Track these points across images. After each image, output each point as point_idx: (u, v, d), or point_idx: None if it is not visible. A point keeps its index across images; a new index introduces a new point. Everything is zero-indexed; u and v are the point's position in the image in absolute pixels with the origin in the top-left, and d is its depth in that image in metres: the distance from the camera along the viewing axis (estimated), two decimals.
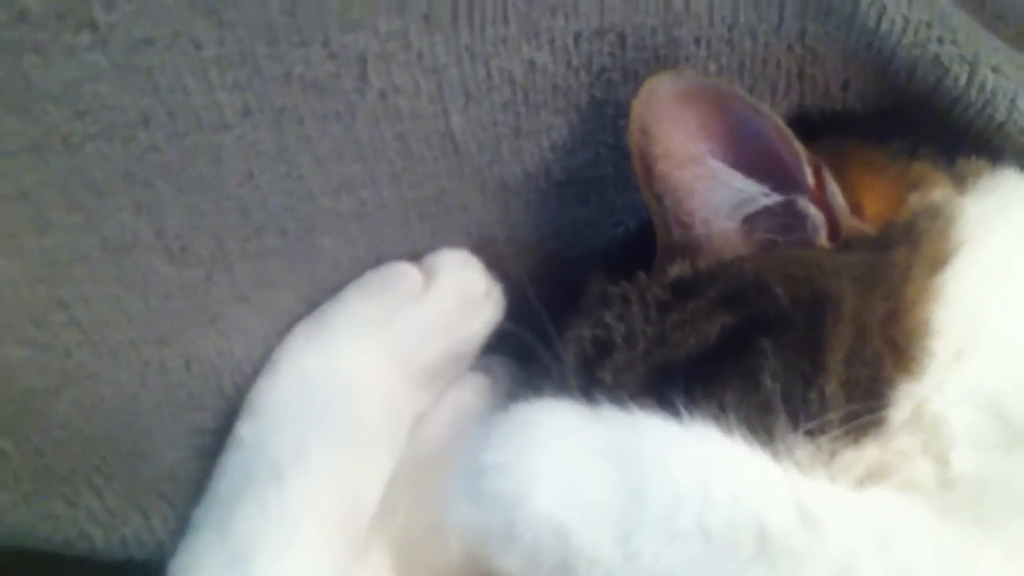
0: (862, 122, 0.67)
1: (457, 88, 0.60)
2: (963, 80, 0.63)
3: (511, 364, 0.70)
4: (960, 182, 0.62)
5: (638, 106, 0.59)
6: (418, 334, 0.66)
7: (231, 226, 0.60)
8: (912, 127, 0.65)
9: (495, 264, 0.68)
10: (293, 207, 0.61)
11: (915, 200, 0.60)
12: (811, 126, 0.66)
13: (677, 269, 0.60)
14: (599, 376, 0.58)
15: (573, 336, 0.61)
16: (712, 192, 0.60)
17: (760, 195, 0.60)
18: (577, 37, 0.60)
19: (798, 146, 0.59)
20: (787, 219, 0.60)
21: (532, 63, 0.60)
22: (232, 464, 0.62)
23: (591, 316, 0.61)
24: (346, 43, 0.56)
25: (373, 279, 0.66)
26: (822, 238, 0.60)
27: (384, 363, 0.65)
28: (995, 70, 0.63)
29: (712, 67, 0.63)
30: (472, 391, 0.69)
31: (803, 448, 0.52)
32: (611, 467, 0.50)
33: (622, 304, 0.60)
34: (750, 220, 0.60)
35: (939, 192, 0.61)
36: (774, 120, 0.59)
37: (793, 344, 0.54)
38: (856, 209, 0.61)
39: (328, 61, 0.56)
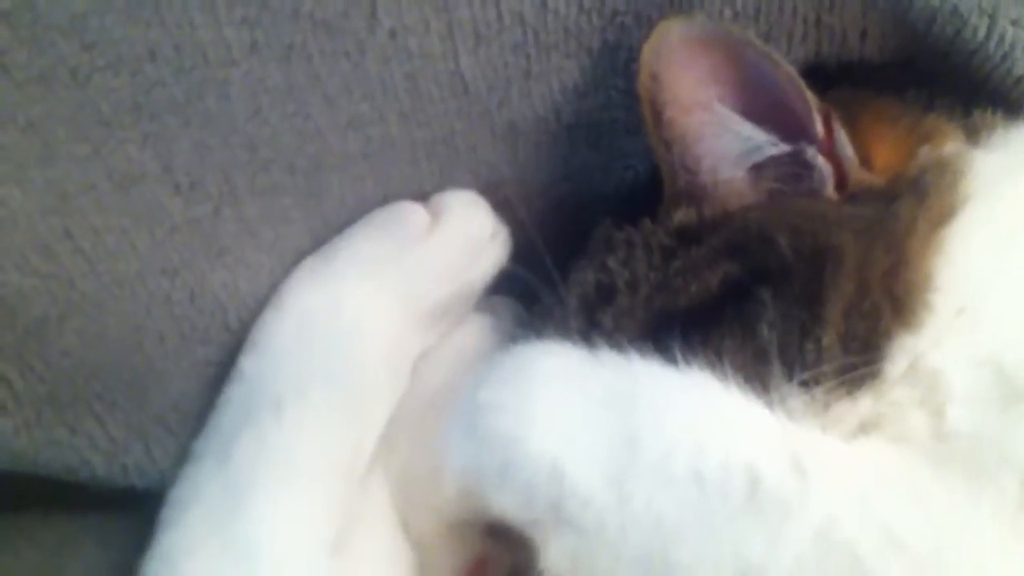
0: (880, 72, 0.66)
1: (467, 28, 0.59)
2: (982, 32, 0.62)
3: (515, 305, 0.71)
4: (974, 135, 0.61)
5: (648, 51, 0.58)
6: (423, 274, 0.65)
7: (239, 161, 0.60)
8: (930, 79, 0.64)
9: (503, 206, 0.68)
10: (301, 144, 0.61)
11: (925, 153, 0.60)
12: (828, 75, 0.65)
13: (682, 216, 0.60)
14: (600, 320, 0.58)
15: (577, 279, 0.62)
16: (719, 139, 0.59)
17: (768, 144, 0.59)
18: None
19: (809, 95, 0.59)
20: (795, 169, 0.60)
21: (544, 4, 0.60)
22: (234, 397, 0.63)
23: (595, 260, 0.62)
24: None
25: (380, 218, 0.66)
26: (829, 189, 0.59)
27: (389, 302, 0.65)
28: (1015, 23, 0.62)
29: (727, 12, 0.63)
30: (476, 331, 0.69)
31: (797, 398, 0.52)
32: (608, 411, 0.50)
33: (627, 249, 0.60)
34: (757, 169, 0.60)
35: (950, 145, 0.60)
36: (785, 68, 0.59)
37: (793, 295, 0.54)
38: (865, 160, 0.60)
39: None
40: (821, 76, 0.65)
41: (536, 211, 0.69)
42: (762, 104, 0.59)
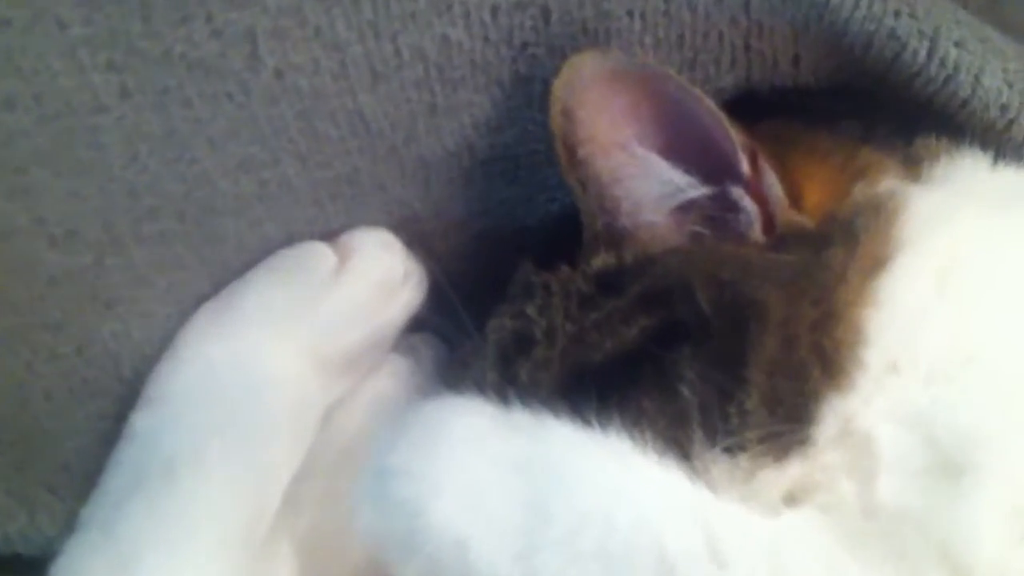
0: (815, 100, 0.63)
1: (362, 66, 0.56)
2: (922, 55, 0.58)
3: (437, 344, 0.67)
4: (914, 167, 0.58)
5: (559, 87, 0.55)
6: (331, 321, 0.62)
7: (120, 209, 0.56)
8: (870, 104, 0.61)
9: (420, 242, 0.65)
10: (188, 189, 0.57)
11: (860, 191, 0.56)
12: (760, 103, 0.62)
13: (601, 261, 0.57)
14: (516, 373, 0.55)
15: (495, 326, 0.59)
16: (638, 181, 0.56)
17: (689, 186, 0.56)
18: (495, 11, 0.56)
19: (733, 131, 0.55)
20: (719, 210, 0.56)
21: (445, 38, 0.56)
22: (124, 458, 0.59)
23: (514, 307, 0.59)
24: (232, 19, 0.52)
25: (283, 260, 0.62)
26: (756, 232, 0.56)
27: (294, 351, 0.61)
28: (958, 45, 0.59)
29: (648, 40, 0.59)
30: (392, 377, 0.65)
31: (720, 466, 0.50)
32: (517, 479, 0.48)
33: (544, 296, 0.57)
34: (681, 210, 0.57)
35: (886, 182, 0.57)
36: (707, 104, 0.55)
37: (713, 354, 0.51)
38: (796, 200, 0.57)
39: (213, 39, 0.52)
40: (752, 104, 0.62)
41: (455, 247, 0.66)
42: (684, 141, 0.56)
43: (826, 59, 0.61)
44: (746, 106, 0.61)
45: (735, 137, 0.55)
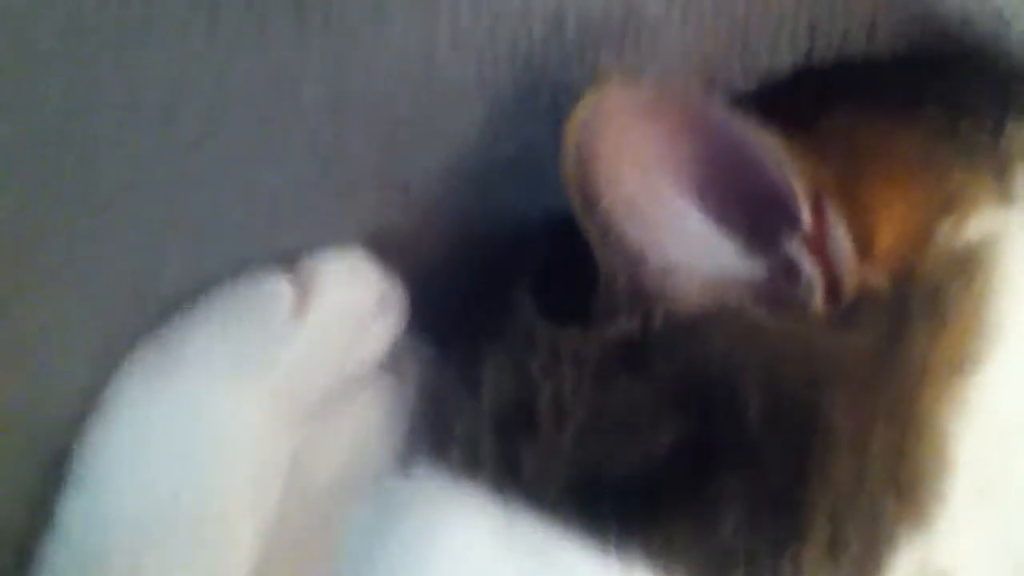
0: (886, 76, 0.52)
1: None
2: None
3: (423, 354, 0.57)
4: (1006, 171, 0.47)
5: (576, 128, 0.44)
6: (295, 368, 0.52)
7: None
8: (947, 74, 0.51)
9: (397, 250, 0.54)
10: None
11: (945, 235, 0.46)
12: (821, 78, 0.52)
13: (622, 327, 0.47)
14: (519, 459, 0.46)
15: (492, 379, 0.49)
16: (674, 242, 0.46)
17: (737, 257, 0.46)
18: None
19: (792, 171, 0.45)
20: (773, 281, 0.46)
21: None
22: (53, 561, 0.49)
23: (514, 355, 0.49)
24: None
25: (231, 300, 0.52)
26: (817, 301, 0.46)
27: (253, 409, 0.52)
28: None
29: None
30: (374, 406, 0.56)
31: None
32: None
33: (551, 357, 0.48)
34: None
35: (978, 220, 0.46)
36: (763, 139, 0.45)
37: (765, 485, 0.43)
38: (868, 241, 0.46)
39: None
40: (812, 80, 0.52)
41: (440, 252, 0.56)
42: (732, 182, 0.46)
43: (908, 29, 0.52)
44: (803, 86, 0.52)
45: (795, 177, 0.45)
